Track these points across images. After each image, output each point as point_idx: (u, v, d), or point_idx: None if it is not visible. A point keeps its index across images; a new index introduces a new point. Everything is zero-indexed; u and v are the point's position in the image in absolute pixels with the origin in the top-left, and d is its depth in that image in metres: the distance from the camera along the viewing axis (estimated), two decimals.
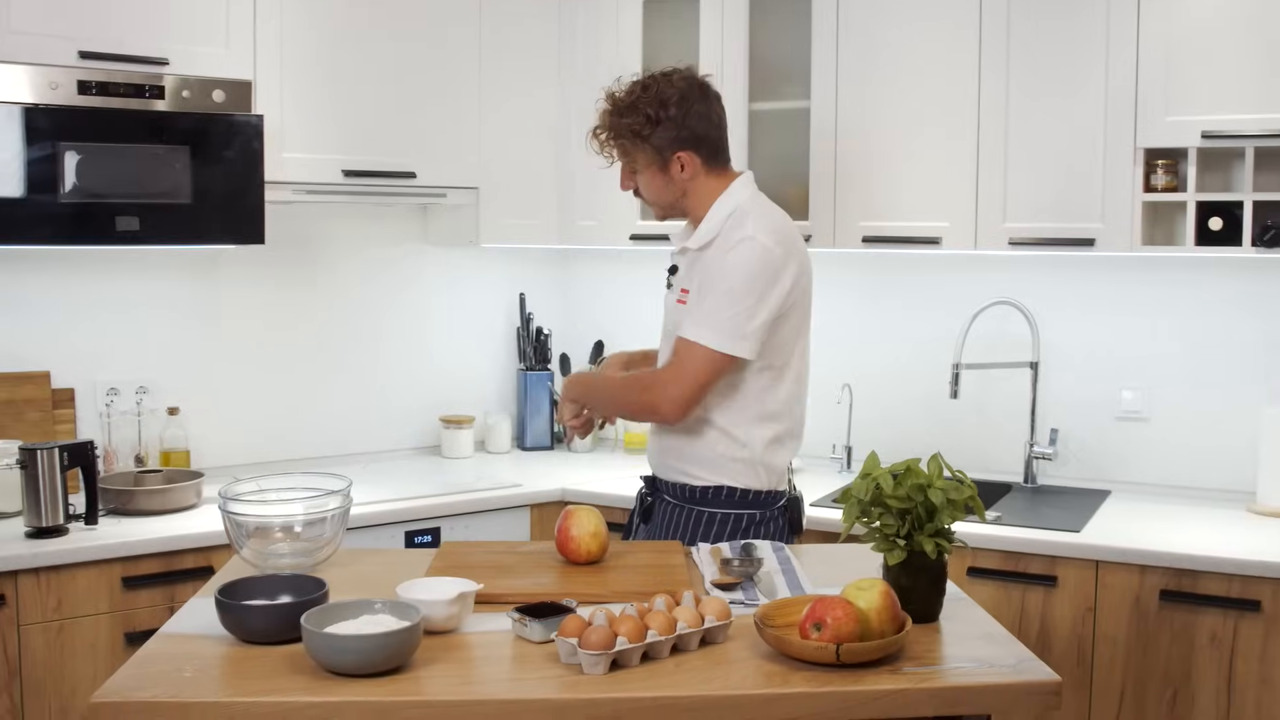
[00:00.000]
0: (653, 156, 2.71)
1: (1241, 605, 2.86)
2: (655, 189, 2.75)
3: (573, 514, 2.42)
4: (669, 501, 2.79)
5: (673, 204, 2.77)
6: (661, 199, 2.77)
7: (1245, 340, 3.46)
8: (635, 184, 2.79)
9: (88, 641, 2.92)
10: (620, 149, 2.74)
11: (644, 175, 2.75)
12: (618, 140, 2.73)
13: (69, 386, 3.46)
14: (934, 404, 3.77)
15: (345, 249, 3.97)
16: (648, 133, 2.69)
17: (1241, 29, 3.09)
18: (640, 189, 2.79)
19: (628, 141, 2.71)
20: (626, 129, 2.70)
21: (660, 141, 2.69)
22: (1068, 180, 3.31)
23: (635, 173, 2.76)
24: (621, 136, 2.71)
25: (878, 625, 1.94)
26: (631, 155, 2.74)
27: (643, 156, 2.72)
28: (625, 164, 2.77)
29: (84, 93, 3.11)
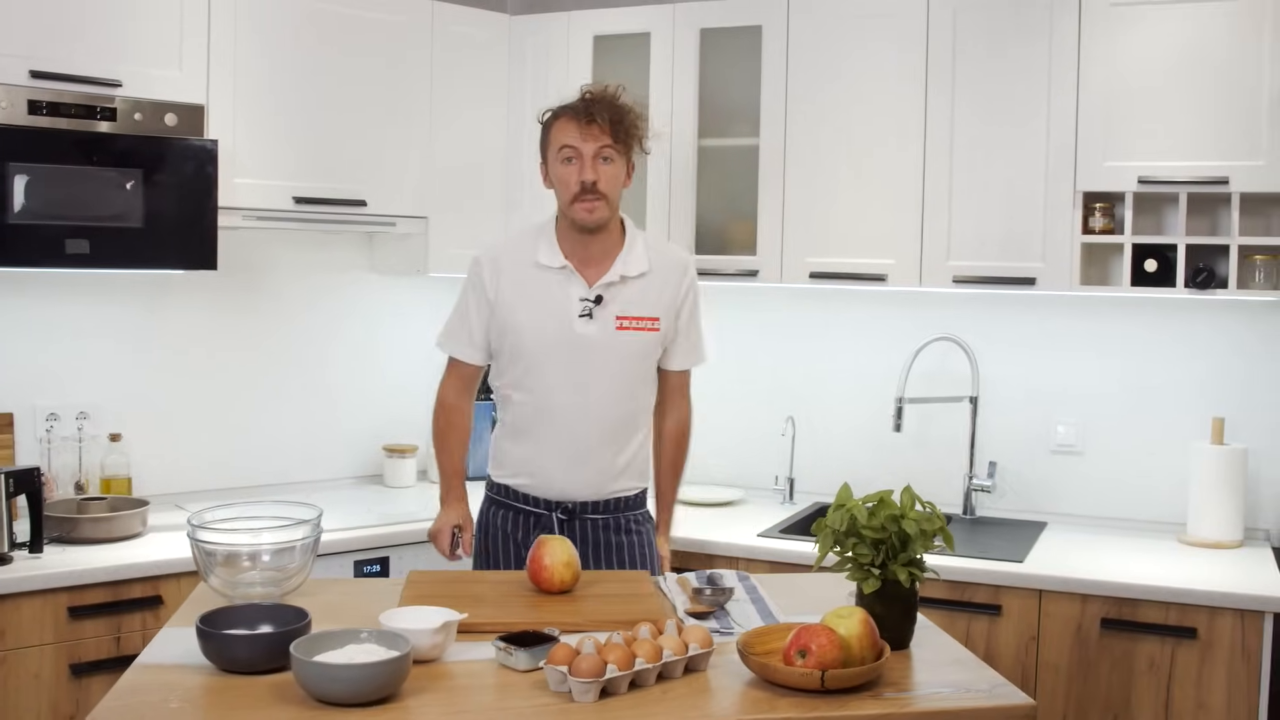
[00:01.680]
0: (630, 156, 2.84)
1: (1179, 633, 2.97)
2: (618, 185, 2.83)
3: (545, 544, 2.44)
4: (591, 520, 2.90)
5: (617, 205, 2.86)
6: (616, 195, 2.84)
7: (1177, 378, 3.59)
8: (599, 175, 2.78)
9: (31, 673, 2.85)
10: (619, 135, 2.78)
11: (615, 168, 2.80)
12: (622, 126, 2.78)
13: (7, 411, 3.39)
14: (875, 437, 3.85)
15: (291, 276, 3.94)
16: (642, 132, 2.85)
17: (1177, 79, 3.23)
18: (606, 182, 2.79)
19: (630, 131, 2.80)
20: (634, 120, 2.81)
21: (638, 145, 2.85)
22: (1010, 221, 3.42)
23: (610, 162, 2.79)
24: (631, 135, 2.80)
25: (859, 652, 1.99)
26: (621, 145, 2.80)
27: (625, 150, 2.81)
28: (606, 148, 2.77)
29: (34, 113, 3.06)
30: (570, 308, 2.83)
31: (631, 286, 2.85)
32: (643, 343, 2.86)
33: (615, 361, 2.85)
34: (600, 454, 2.87)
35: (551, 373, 2.86)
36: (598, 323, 2.82)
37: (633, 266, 2.85)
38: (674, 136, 3.77)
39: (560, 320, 2.83)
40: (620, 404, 2.88)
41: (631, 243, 2.88)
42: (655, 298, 2.87)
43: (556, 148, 2.81)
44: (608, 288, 2.83)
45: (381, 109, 3.69)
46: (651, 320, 2.86)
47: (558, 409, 2.86)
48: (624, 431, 2.89)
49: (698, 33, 3.75)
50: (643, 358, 2.89)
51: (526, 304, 2.87)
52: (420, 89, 3.78)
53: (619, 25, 3.86)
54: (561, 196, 2.84)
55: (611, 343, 2.83)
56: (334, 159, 3.61)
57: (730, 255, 3.75)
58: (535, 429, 2.89)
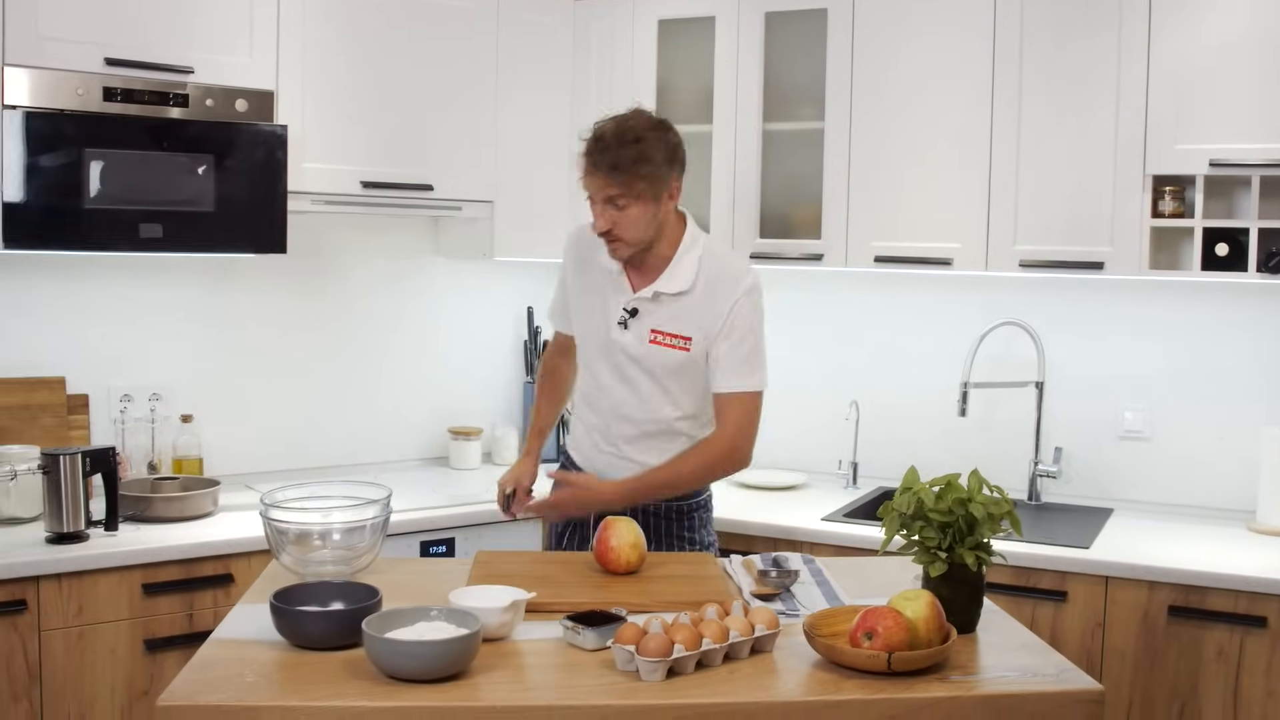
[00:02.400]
0: (653, 186, 2.70)
1: (1248, 621, 2.93)
2: (643, 223, 2.73)
3: (611, 525, 2.46)
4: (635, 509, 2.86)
5: (648, 240, 2.77)
6: (644, 234, 2.75)
7: (1246, 363, 3.54)
8: (613, 223, 2.72)
9: (108, 648, 2.92)
10: (625, 176, 2.67)
11: (635, 208, 2.70)
12: (620, 171, 2.67)
13: (83, 392, 3.46)
14: (940, 421, 3.84)
15: (357, 259, 3.99)
16: (660, 157, 2.70)
17: (1250, 60, 3.18)
18: (622, 226, 2.72)
19: (638, 166, 2.67)
20: (638, 155, 2.67)
21: (666, 174, 2.72)
22: (1078, 204, 3.38)
23: (623, 208, 2.70)
24: (638, 163, 2.67)
25: (925, 635, 2.00)
26: (632, 185, 2.68)
27: (644, 185, 2.69)
28: (615, 197, 2.69)
29: (109, 99, 3.12)
30: (612, 313, 2.86)
31: (668, 304, 2.80)
32: (674, 359, 2.81)
33: (647, 372, 2.84)
34: (635, 456, 2.87)
35: (599, 367, 2.91)
36: (633, 333, 2.84)
37: (674, 284, 2.79)
38: (739, 120, 3.77)
39: (603, 322, 2.88)
40: (657, 410, 2.85)
41: (681, 256, 2.80)
42: (691, 318, 2.79)
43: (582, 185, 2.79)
44: (644, 302, 2.82)
45: (448, 94, 3.72)
46: (684, 339, 2.79)
47: (603, 399, 2.91)
48: (661, 438, 2.87)
49: (763, 16, 3.74)
50: (676, 372, 2.83)
51: (584, 296, 2.93)
52: (486, 74, 3.80)
53: (684, 9, 3.86)
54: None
55: (645, 353, 2.83)
56: (401, 144, 3.64)
57: (795, 239, 3.75)
58: (587, 412, 2.96)
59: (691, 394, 2.85)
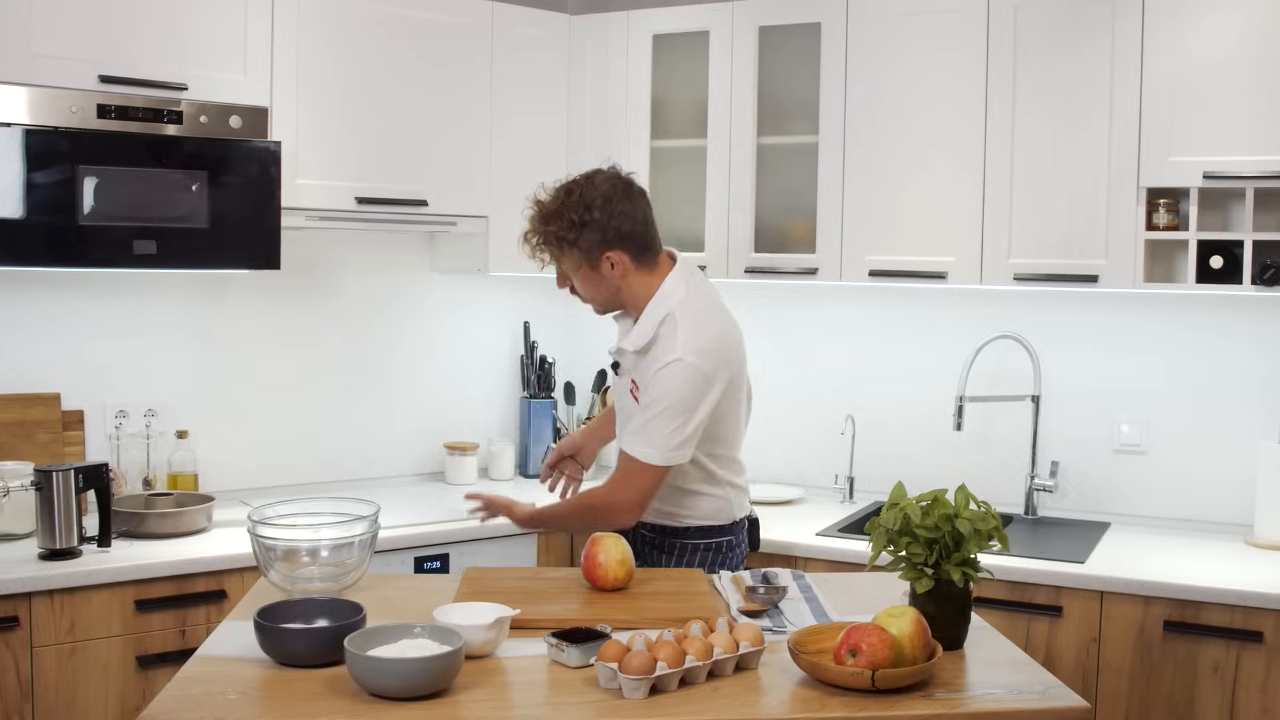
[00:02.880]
0: (581, 259, 2.78)
1: (1244, 636, 2.91)
2: (590, 288, 2.84)
3: (600, 541, 2.45)
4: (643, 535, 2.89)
5: (609, 300, 2.86)
6: (598, 296, 2.85)
7: (1243, 376, 3.53)
8: (570, 284, 2.87)
9: (100, 664, 2.92)
10: (551, 254, 2.82)
11: (577, 276, 2.83)
12: (547, 246, 2.80)
13: (78, 408, 3.47)
14: (936, 436, 3.83)
15: (353, 275, 4.00)
16: (573, 236, 2.75)
17: (1243, 72, 3.17)
18: (576, 288, 2.87)
19: (554, 248, 2.79)
20: (553, 235, 2.77)
21: (588, 244, 2.76)
22: (1072, 217, 3.38)
23: (568, 274, 2.85)
24: (549, 242, 2.79)
25: (910, 652, 1.98)
26: (562, 258, 2.82)
27: (571, 260, 2.80)
28: (558, 266, 2.85)
29: (103, 116, 3.13)
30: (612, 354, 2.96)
31: (634, 359, 2.83)
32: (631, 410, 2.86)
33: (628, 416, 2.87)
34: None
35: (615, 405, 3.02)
36: (620, 382, 2.92)
37: (630, 341, 2.82)
38: (733, 134, 3.77)
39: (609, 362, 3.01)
40: None
41: (644, 316, 2.79)
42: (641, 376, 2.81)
43: None
44: (620, 353, 2.89)
45: (442, 109, 3.73)
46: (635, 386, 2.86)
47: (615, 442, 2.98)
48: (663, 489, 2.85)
49: (756, 30, 3.74)
50: None
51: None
52: (481, 89, 3.81)
53: (678, 24, 3.86)
54: None
55: (626, 401, 2.88)
56: (395, 159, 3.65)
57: (790, 253, 3.75)
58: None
59: None
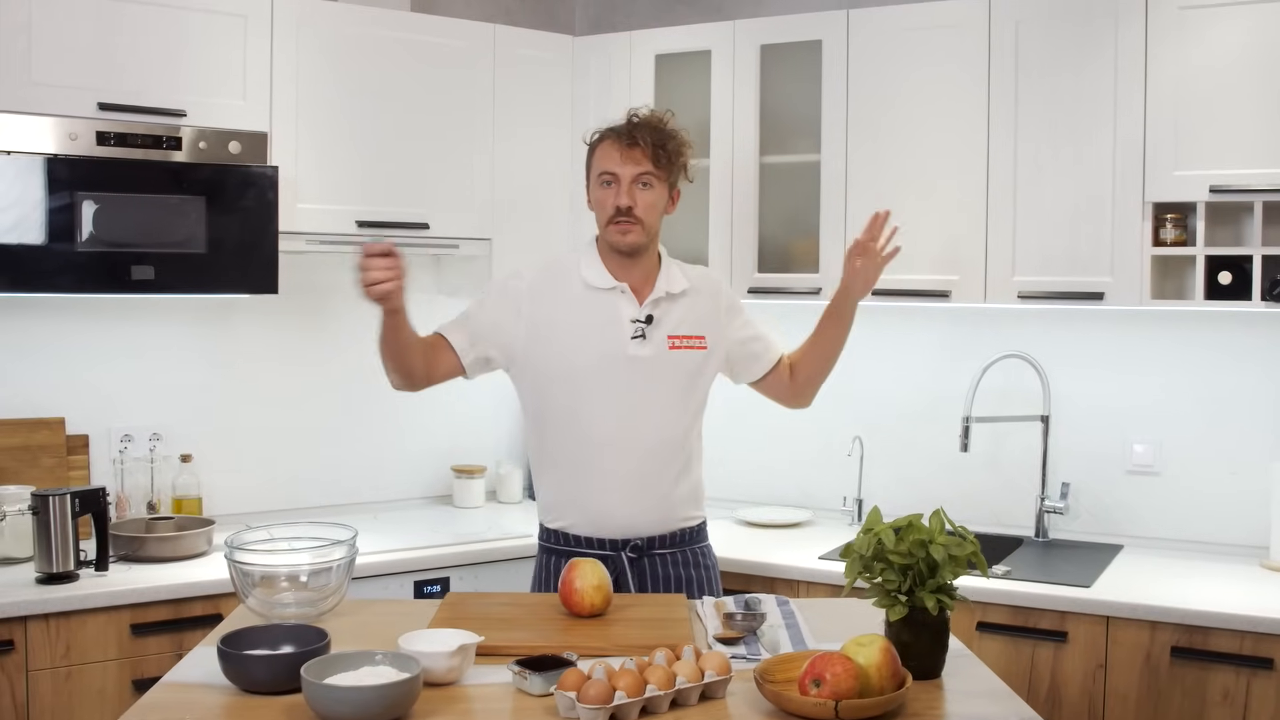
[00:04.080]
0: (673, 177, 2.80)
1: (1254, 663, 2.83)
2: (656, 212, 2.78)
3: (576, 566, 2.42)
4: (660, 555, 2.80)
5: (652, 235, 2.80)
6: (654, 224, 2.78)
7: (1256, 393, 3.44)
8: (635, 200, 2.73)
9: (95, 688, 2.93)
10: (660, 160, 2.74)
11: (656, 193, 2.76)
12: (660, 155, 2.74)
13: (83, 433, 3.49)
14: (945, 457, 3.76)
15: (357, 299, 3.97)
16: (683, 160, 2.81)
17: (1248, 84, 3.10)
18: (643, 207, 2.74)
19: (662, 162, 2.75)
20: (674, 152, 2.77)
21: (683, 172, 2.83)
22: (1076, 234, 3.32)
23: (648, 187, 2.74)
24: (665, 155, 2.75)
25: (878, 682, 1.94)
26: (655, 174, 2.74)
27: (662, 181, 2.76)
28: (644, 174, 2.73)
29: (103, 143, 3.16)
30: (622, 329, 2.76)
31: (677, 304, 2.81)
32: (694, 361, 2.81)
33: (668, 382, 2.79)
34: (659, 481, 2.79)
35: (601, 397, 2.76)
36: (651, 343, 2.77)
37: (675, 284, 2.82)
38: (735, 154, 3.74)
39: (612, 343, 2.76)
40: (674, 426, 2.80)
41: (668, 265, 2.85)
42: (699, 317, 2.84)
43: (598, 172, 2.78)
44: (656, 305, 2.78)
45: (444, 132, 3.73)
46: (698, 338, 2.82)
47: (610, 436, 2.76)
48: (680, 456, 2.82)
49: (758, 49, 3.71)
50: (694, 377, 2.82)
51: (574, 327, 2.78)
52: (483, 111, 3.80)
53: (680, 44, 3.85)
54: (599, 219, 2.80)
55: (665, 363, 2.78)
56: (397, 182, 3.65)
57: (793, 273, 3.71)
58: (585, 461, 2.78)
59: (700, 406, 2.89)
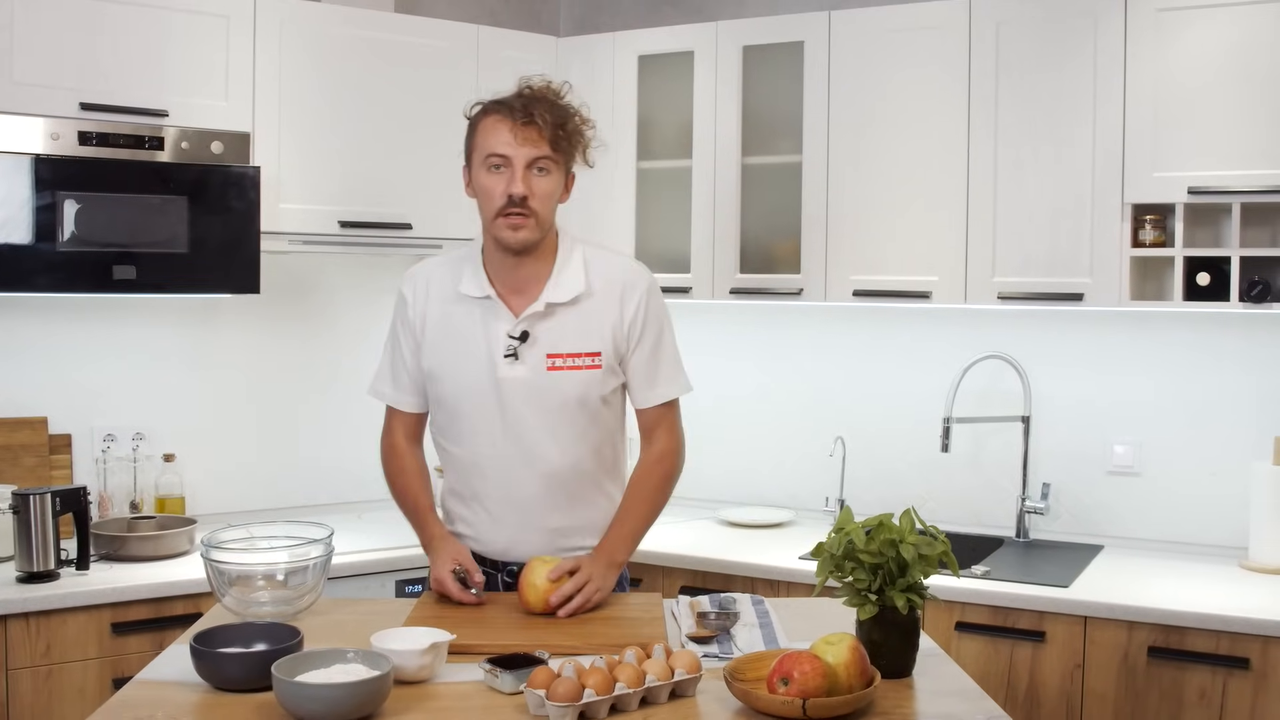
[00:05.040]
0: (565, 168, 2.46)
1: (1230, 663, 2.84)
2: (553, 201, 2.44)
3: (528, 565, 2.42)
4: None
5: (545, 230, 2.45)
6: (549, 213, 2.44)
7: (1236, 394, 3.46)
8: (531, 189, 2.39)
9: (76, 687, 2.94)
10: (559, 143, 2.40)
11: (551, 180, 2.41)
12: (564, 131, 2.41)
13: (66, 432, 3.50)
14: (926, 457, 3.77)
15: (339, 298, 4.01)
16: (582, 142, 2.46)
17: (1226, 86, 3.11)
18: (536, 196, 2.39)
19: (560, 144, 2.41)
20: (577, 127, 2.43)
21: (575, 157, 2.47)
22: (1056, 235, 3.33)
23: (544, 173, 2.41)
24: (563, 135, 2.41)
25: (846, 680, 1.94)
26: (554, 159, 2.41)
27: (559, 165, 2.43)
28: (541, 159, 2.39)
29: (85, 143, 3.16)
30: (495, 347, 2.46)
31: (564, 316, 2.45)
32: (582, 383, 2.46)
33: (551, 407, 2.47)
34: (547, 514, 2.52)
35: (479, 422, 2.49)
36: (526, 364, 2.44)
37: (564, 291, 2.45)
38: (718, 154, 3.75)
39: (483, 362, 2.47)
40: (564, 455, 2.50)
41: (564, 262, 2.47)
42: (594, 328, 2.47)
43: (484, 154, 2.41)
44: (533, 320, 2.45)
45: (426, 132, 3.73)
46: (590, 355, 2.46)
47: (491, 464, 2.51)
48: (575, 487, 2.53)
49: (740, 50, 3.72)
50: (584, 401, 2.48)
51: (448, 342, 2.51)
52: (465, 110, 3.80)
53: (663, 45, 3.86)
54: (484, 210, 2.44)
55: (543, 386, 2.46)
56: (379, 183, 3.66)
57: (775, 274, 3.71)
58: (472, 485, 2.55)
59: (603, 429, 2.53)
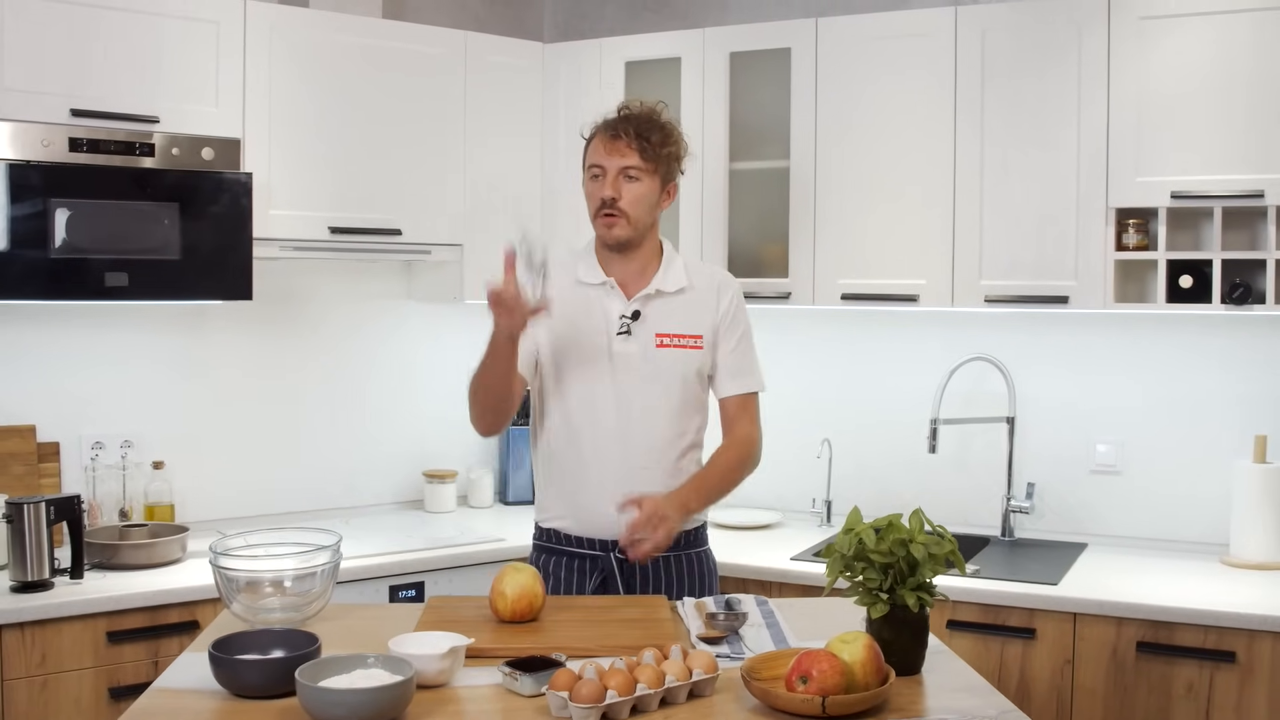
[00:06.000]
0: (665, 169, 2.78)
1: (1217, 656, 2.91)
2: (646, 204, 2.75)
3: (500, 574, 2.42)
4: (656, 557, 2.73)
5: (647, 225, 2.78)
6: (644, 217, 2.76)
7: (1216, 394, 3.53)
8: (620, 192, 2.72)
9: (72, 697, 2.92)
10: (646, 152, 2.73)
11: (645, 185, 2.74)
12: (649, 143, 2.73)
13: (54, 440, 3.47)
14: (912, 458, 3.82)
15: (330, 304, 4.01)
16: (676, 153, 2.79)
17: (1207, 93, 3.18)
18: (629, 200, 2.73)
19: (650, 155, 2.73)
20: (663, 139, 2.75)
21: (673, 167, 2.81)
22: (1042, 239, 3.39)
23: (635, 179, 2.73)
24: (654, 148, 2.73)
25: (862, 678, 1.98)
26: (644, 169, 2.73)
27: (653, 174, 2.75)
28: (631, 168, 2.72)
29: (75, 150, 3.15)
30: (610, 325, 2.77)
31: (670, 302, 2.79)
32: (684, 361, 2.77)
33: (657, 381, 2.76)
34: (648, 483, 2.71)
35: (588, 394, 2.77)
36: (637, 340, 2.76)
37: (670, 282, 2.79)
38: (705, 160, 3.78)
39: (599, 338, 2.76)
40: (666, 427, 2.77)
41: (669, 262, 2.83)
42: (696, 315, 2.80)
43: (588, 165, 2.79)
44: (645, 301, 2.77)
45: (416, 138, 3.74)
46: (693, 338, 2.78)
47: (596, 434, 2.76)
48: (672, 457, 2.78)
49: (727, 56, 3.76)
50: (686, 378, 2.78)
51: (566, 321, 2.77)
52: (454, 118, 3.82)
53: (650, 51, 3.89)
54: (589, 211, 2.79)
55: (652, 360, 2.76)
56: (369, 189, 3.66)
57: (763, 278, 3.75)
58: (577, 457, 2.77)
59: (699, 408, 2.84)
